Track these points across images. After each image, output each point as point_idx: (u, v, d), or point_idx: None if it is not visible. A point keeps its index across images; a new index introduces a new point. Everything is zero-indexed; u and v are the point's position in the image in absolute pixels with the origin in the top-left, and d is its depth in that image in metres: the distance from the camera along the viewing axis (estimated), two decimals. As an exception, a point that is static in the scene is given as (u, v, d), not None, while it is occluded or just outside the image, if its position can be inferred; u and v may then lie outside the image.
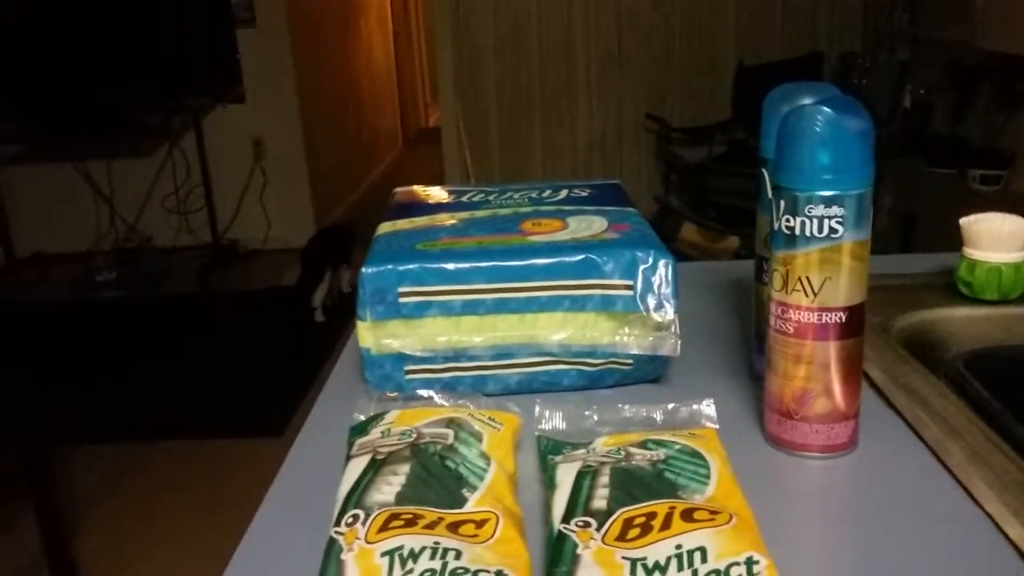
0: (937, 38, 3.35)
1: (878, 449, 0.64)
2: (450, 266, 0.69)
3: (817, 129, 0.58)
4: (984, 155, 2.89)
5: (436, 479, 0.55)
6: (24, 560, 2.13)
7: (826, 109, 0.57)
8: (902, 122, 3.24)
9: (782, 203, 0.60)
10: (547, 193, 0.86)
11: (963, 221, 0.86)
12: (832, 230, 0.59)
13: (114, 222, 4.59)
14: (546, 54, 4.08)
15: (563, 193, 0.86)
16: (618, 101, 4.14)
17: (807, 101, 0.62)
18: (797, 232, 0.59)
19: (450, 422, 0.61)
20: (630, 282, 0.70)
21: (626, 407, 0.65)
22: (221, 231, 4.56)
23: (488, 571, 0.47)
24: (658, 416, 0.65)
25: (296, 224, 4.70)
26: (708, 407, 0.65)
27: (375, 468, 0.56)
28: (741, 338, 0.83)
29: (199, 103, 4.34)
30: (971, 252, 0.85)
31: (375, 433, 0.61)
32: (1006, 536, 0.53)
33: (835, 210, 0.58)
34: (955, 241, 0.89)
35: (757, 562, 0.47)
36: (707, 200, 3.17)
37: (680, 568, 0.47)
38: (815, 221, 0.59)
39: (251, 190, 4.64)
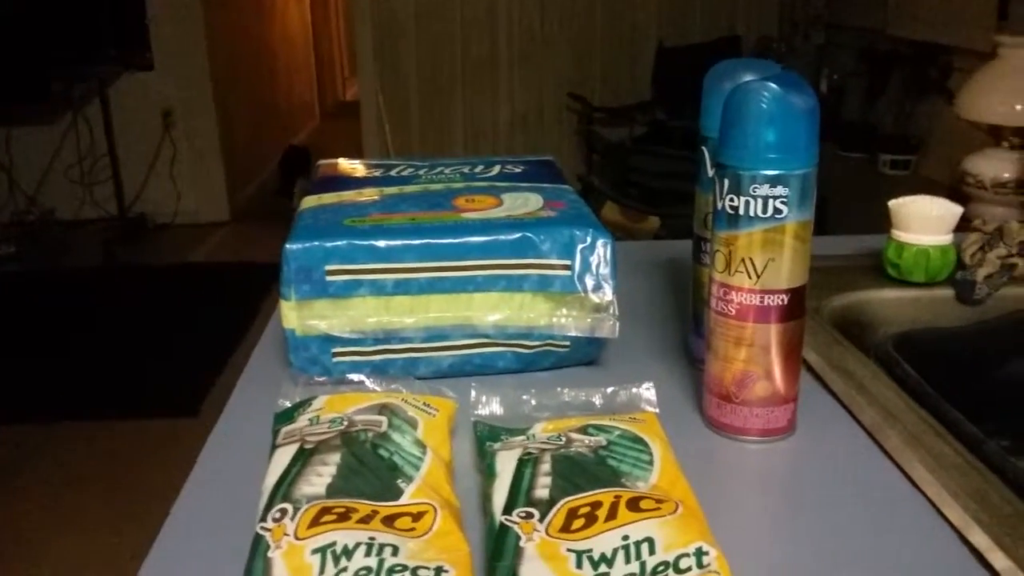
0: (852, 24, 3.42)
1: (816, 433, 0.63)
2: (381, 243, 0.66)
3: (763, 106, 0.56)
4: (894, 140, 2.97)
5: (369, 469, 0.52)
6: (-85, 550, 2.01)
7: (772, 86, 0.56)
8: (817, 106, 3.29)
9: (726, 182, 0.59)
10: (479, 168, 0.83)
11: (892, 203, 0.86)
12: (776, 210, 0.57)
13: (13, 193, 4.36)
14: (468, 29, 4.03)
15: (496, 169, 0.83)
16: (540, 79, 4.11)
17: (749, 78, 0.60)
18: (741, 212, 0.58)
19: (383, 408, 0.58)
20: (568, 262, 0.68)
21: (565, 391, 0.63)
22: (128, 204, 4.38)
23: (428, 567, 0.45)
24: (597, 400, 0.63)
25: (207, 197, 4.55)
26: (648, 391, 0.63)
27: (303, 458, 0.53)
28: (677, 319, 0.82)
29: (105, 69, 4.14)
30: (899, 235, 0.86)
31: (302, 420, 0.57)
32: (946, 519, 0.53)
33: (780, 190, 0.57)
34: (866, 224, 0.89)
35: (707, 553, 0.45)
36: (628, 180, 3.18)
37: (628, 560, 0.45)
38: (759, 201, 0.57)
39: (160, 162, 4.47)
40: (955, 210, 0.84)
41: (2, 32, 3.67)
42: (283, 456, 0.53)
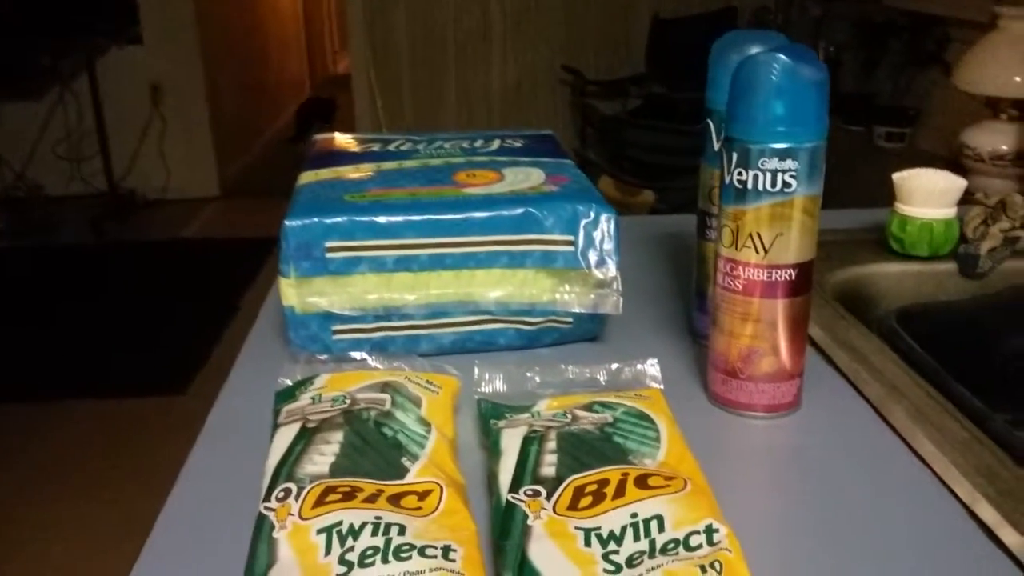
0: (847, -4, 3.39)
1: (822, 408, 0.63)
2: (381, 219, 0.65)
3: (773, 78, 0.55)
4: (889, 112, 2.96)
5: (373, 448, 0.52)
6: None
7: (782, 57, 0.55)
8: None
9: (734, 155, 0.58)
10: (479, 143, 0.82)
11: (896, 177, 0.85)
12: (785, 184, 0.57)
13: (1, 169, 4.32)
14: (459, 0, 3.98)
15: (496, 143, 0.82)
16: (534, 51, 4.07)
17: (756, 50, 0.59)
18: (749, 186, 0.57)
19: (385, 386, 0.57)
20: (571, 237, 0.67)
21: (569, 368, 0.62)
22: (117, 180, 4.34)
23: (435, 546, 0.44)
24: (602, 377, 0.62)
25: (197, 173, 4.51)
26: (652, 367, 0.63)
27: (306, 437, 0.52)
28: (680, 295, 0.82)
29: (93, 43, 4.09)
30: (903, 208, 0.85)
31: (304, 399, 0.57)
32: (954, 494, 0.53)
33: (789, 163, 0.56)
34: (861, 197, 0.88)
35: (717, 530, 0.45)
36: (623, 154, 3.17)
37: (636, 538, 0.45)
38: (768, 175, 0.57)
39: (149, 137, 4.43)
40: (959, 183, 0.83)
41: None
42: (285, 435, 0.53)
